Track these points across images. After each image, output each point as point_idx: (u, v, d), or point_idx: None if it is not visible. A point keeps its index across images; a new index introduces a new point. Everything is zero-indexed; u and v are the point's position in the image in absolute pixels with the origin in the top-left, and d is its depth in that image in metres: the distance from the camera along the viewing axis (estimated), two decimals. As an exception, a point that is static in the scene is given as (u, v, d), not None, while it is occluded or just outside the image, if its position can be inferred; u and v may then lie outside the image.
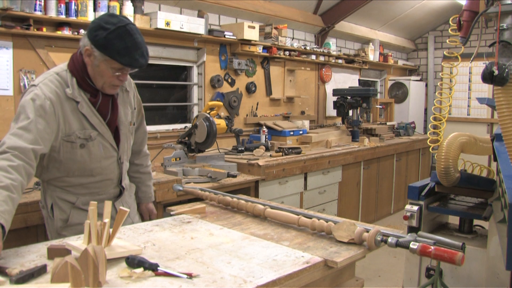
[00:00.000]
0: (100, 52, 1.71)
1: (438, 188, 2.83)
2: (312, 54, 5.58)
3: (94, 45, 1.71)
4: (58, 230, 1.88)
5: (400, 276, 3.74)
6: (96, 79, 1.79)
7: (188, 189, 2.36)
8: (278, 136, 4.73)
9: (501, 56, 1.74)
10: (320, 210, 4.43)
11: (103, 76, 1.77)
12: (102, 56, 1.71)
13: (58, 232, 1.88)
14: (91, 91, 1.81)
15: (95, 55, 1.72)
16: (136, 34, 1.74)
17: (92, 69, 1.77)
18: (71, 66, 1.81)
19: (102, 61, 1.73)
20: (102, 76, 1.77)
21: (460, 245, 1.44)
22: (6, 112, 3.10)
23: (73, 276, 1.06)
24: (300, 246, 1.54)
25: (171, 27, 3.79)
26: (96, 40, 1.70)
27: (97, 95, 1.82)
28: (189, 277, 1.24)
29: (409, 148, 6.10)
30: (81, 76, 1.79)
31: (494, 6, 1.80)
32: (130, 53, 1.70)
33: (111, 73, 1.75)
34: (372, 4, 5.98)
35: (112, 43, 1.68)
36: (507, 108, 1.71)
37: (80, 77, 1.79)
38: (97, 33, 1.69)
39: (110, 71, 1.75)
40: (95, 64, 1.75)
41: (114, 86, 1.83)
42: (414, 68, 8.35)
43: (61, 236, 1.84)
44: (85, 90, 1.80)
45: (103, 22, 1.71)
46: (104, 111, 1.86)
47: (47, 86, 1.72)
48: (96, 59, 1.73)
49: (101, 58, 1.72)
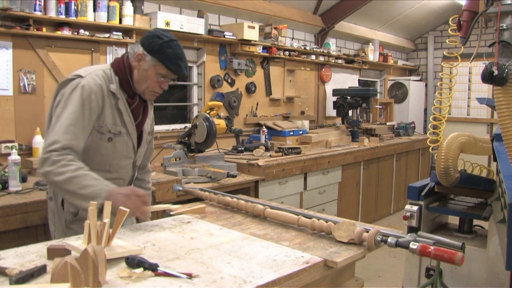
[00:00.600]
0: (152, 57, 1.87)
1: (438, 188, 2.83)
2: (312, 54, 5.58)
3: (148, 50, 1.87)
4: (66, 222, 1.90)
5: (400, 276, 3.74)
6: (140, 83, 1.92)
7: (188, 189, 2.36)
8: (278, 136, 4.73)
9: (501, 56, 1.74)
10: (320, 210, 4.43)
11: (147, 81, 1.91)
12: (153, 61, 1.87)
13: (66, 225, 1.90)
14: (129, 93, 1.94)
15: (146, 60, 1.88)
16: (182, 49, 1.94)
17: (139, 73, 1.91)
18: (115, 66, 1.93)
19: (151, 65, 1.88)
20: (147, 81, 1.91)
21: (460, 245, 1.44)
22: (6, 112, 3.10)
23: (73, 276, 1.06)
24: (300, 246, 1.54)
25: (171, 27, 3.79)
26: (152, 47, 1.86)
27: (134, 97, 1.95)
28: (189, 277, 1.24)
29: (409, 148, 6.10)
30: (124, 76, 1.92)
31: (494, 6, 1.80)
32: (178, 62, 1.89)
33: (157, 78, 1.90)
34: (372, 4, 5.98)
35: (164, 51, 1.86)
36: (506, 108, 1.71)
37: (123, 78, 1.91)
38: (153, 41, 1.87)
39: (156, 77, 1.90)
40: (143, 68, 1.89)
41: (154, 93, 1.96)
42: (414, 68, 8.35)
43: (69, 229, 1.87)
44: (125, 90, 1.93)
45: (158, 33, 1.90)
46: (136, 113, 1.98)
47: (93, 78, 1.84)
48: (146, 63, 1.88)
49: (151, 63, 1.87)
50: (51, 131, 1.77)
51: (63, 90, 1.83)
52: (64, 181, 1.68)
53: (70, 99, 1.79)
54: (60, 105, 1.79)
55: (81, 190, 1.68)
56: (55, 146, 1.72)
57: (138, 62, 1.90)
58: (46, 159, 1.71)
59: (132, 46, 1.95)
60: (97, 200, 1.62)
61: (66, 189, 1.70)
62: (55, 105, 1.83)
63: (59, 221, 1.93)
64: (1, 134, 3.08)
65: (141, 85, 1.92)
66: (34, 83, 3.21)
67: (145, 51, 1.88)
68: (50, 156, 1.70)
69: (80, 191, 1.68)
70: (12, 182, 2.58)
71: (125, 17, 3.57)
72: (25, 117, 3.19)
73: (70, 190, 1.69)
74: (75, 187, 1.68)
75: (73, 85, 1.81)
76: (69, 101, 1.78)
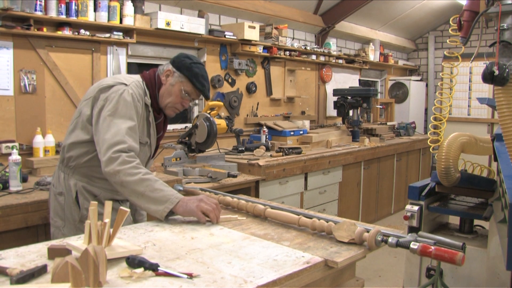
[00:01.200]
0: (180, 73, 2.01)
1: (439, 188, 2.83)
2: (312, 54, 5.58)
3: (177, 67, 2.01)
4: (83, 218, 1.92)
5: (400, 276, 3.74)
6: (164, 97, 2.03)
7: (188, 189, 2.36)
8: (279, 136, 4.73)
9: (502, 56, 1.74)
10: (320, 210, 4.43)
11: (172, 96, 2.02)
12: (181, 77, 2.01)
13: (81, 220, 1.93)
14: (155, 108, 2.05)
15: (174, 76, 2.02)
16: (207, 73, 2.09)
17: (165, 88, 2.03)
18: (147, 79, 2.04)
19: (178, 81, 2.01)
20: (171, 95, 2.02)
21: (460, 245, 1.44)
22: (7, 112, 3.10)
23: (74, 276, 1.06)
24: (300, 246, 1.54)
25: (172, 27, 3.79)
26: (182, 64, 2.01)
27: (160, 113, 2.08)
28: (190, 277, 1.24)
29: (410, 148, 6.10)
30: (153, 91, 2.03)
31: (495, 6, 1.80)
32: (203, 82, 2.03)
33: (180, 94, 2.02)
34: (372, 4, 5.98)
35: (193, 69, 2.01)
36: (507, 108, 1.71)
37: (152, 92, 2.03)
38: (183, 60, 2.02)
39: (180, 93, 2.02)
40: (170, 83, 2.02)
41: (175, 109, 2.07)
42: (414, 68, 8.35)
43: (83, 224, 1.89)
44: (152, 105, 2.03)
45: (188, 55, 2.06)
46: (159, 127, 2.12)
47: (136, 88, 1.95)
48: (174, 79, 2.01)
49: (178, 79, 2.01)
50: (107, 132, 1.80)
51: (106, 94, 1.89)
52: (135, 181, 1.73)
53: (121, 104, 1.85)
54: (109, 109, 1.84)
55: (152, 193, 1.73)
56: (122, 146, 1.77)
57: (166, 78, 2.02)
58: (115, 158, 1.75)
59: (163, 65, 2.08)
60: (166, 204, 1.72)
61: (135, 190, 1.74)
62: (98, 108, 1.87)
63: (71, 216, 1.96)
64: (2, 134, 3.08)
65: (165, 99, 2.02)
66: (34, 83, 3.22)
67: (174, 68, 2.01)
68: (120, 155, 1.75)
69: (150, 194, 1.73)
70: (13, 182, 2.59)
71: (125, 17, 3.57)
72: (26, 117, 3.19)
73: (140, 191, 1.73)
74: (146, 189, 1.73)
75: (119, 91, 1.88)
76: (121, 106, 1.85)
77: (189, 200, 1.76)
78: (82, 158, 1.95)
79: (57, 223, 2.01)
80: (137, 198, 1.75)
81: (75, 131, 1.96)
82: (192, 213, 1.75)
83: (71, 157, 1.97)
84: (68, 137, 1.99)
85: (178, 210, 1.75)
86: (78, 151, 1.95)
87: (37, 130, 3.17)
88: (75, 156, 1.96)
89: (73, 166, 1.98)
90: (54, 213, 2.03)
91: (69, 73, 3.43)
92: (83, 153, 1.95)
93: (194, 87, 2.01)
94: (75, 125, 1.97)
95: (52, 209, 2.04)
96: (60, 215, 2.00)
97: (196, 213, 1.75)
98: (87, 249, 1.15)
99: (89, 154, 1.94)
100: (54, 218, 2.02)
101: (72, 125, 1.99)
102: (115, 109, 1.84)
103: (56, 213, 2.02)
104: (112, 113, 1.84)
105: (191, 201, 1.76)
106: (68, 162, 1.98)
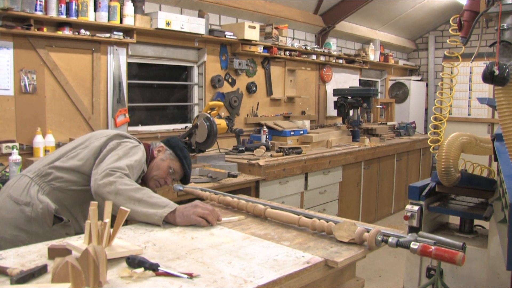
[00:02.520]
0: (173, 152, 2.18)
1: (439, 188, 2.83)
2: (312, 54, 5.58)
3: (170, 146, 2.19)
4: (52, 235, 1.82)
5: (400, 276, 3.74)
6: (152, 170, 2.14)
7: (188, 189, 2.36)
8: (279, 136, 4.73)
9: (502, 56, 1.74)
10: (320, 210, 4.43)
11: (159, 170, 2.14)
12: (172, 155, 2.17)
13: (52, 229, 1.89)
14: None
15: (166, 153, 2.18)
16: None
17: (155, 161, 2.15)
18: (147, 151, 2.15)
19: (168, 158, 2.16)
20: (159, 169, 2.14)
21: (460, 245, 1.44)
22: (7, 112, 3.10)
23: (74, 276, 1.06)
24: (300, 246, 1.54)
25: (172, 27, 3.79)
26: (175, 145, 2.20)
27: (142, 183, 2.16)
28: (190, 277, 1.24)
29: (410, 148, 6.10)
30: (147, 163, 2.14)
31: (495, 6, 1.80)
32: (189, 169, 2.23)
33: (167, 170, 2.14)
34: (372, 4, 5.97)
35: (185, 152, 2.20)
36: (507, 108, 1.71)
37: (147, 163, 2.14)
38: (177, 142, 2.22)
39: (167, 169, 2.14)
40: (161, 158, 2.16)
41: (158, 183, 2.16)
42: (414, 68, 8.34)
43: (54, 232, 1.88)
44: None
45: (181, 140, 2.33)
46: None
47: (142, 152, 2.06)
48: (165, 155, 2.17)
49: (169, 156, 2.17)
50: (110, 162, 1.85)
51: (116, 141, 1.99)
52: (133, 189, 1.75)
53: (132, 152, 1.95)
54: (123, 151, 1.93)
55: (150, 199, 1.75)
56: (120, 170, 1.82)
57: (158, 152, 2.18)
58: (112, 174, 1.78)
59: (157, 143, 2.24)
60: (165, 209, 1.73)
61: (132, 196, 1.73)
62: (110, 147, 1.95)
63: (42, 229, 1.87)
64: (2, 134, 3.09)
65: (153, 172, 2.12)
66: (35, 83, 3.22)
67: (167, 147, 2.19)
68: (116, 172, 1.79)
69: (148, 199, 1.74)
70: (13, 182, 2.58)
71: (125, 17, 3.57)
72: (26, 117, 3.19)
73: (138, 197, 1.74)
74: (143, 195, 1.74)
75: (134, 144, 2.02)
76: (132, 153, 1.95)
77: (185, 209, 1.77)
78: (70, 185, 1.94)
79: (19, 237, 1.84)
80: (134, 204, 1.72)
81: (80, 154, 1.98)
82: (190, 220, 1.75)
83: (60, 178, 1.94)
84: (68, 160, 1.98)
85: (176, 220, 1.75)
86: (71, 177, 1.94)
87: (37, 130, 3.17)
88: (65, 179, 1.94)
89: (55, 187, 1.93)
90: (12, 226, 1.86)
91: (69, 73, 3.43)
92: (74, 182, 1.94)
93: (182, 167, 2.18)
94: (81, 150, 2.00)
95: (9, 221, 1.86)
96: (20, 227, 1.86)
97: (194, 219, 1.75)
98: (87, 249, 1.15)
99: (78, 185, 1.95)
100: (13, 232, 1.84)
101: (76, 153, 2.00)
102: (126, 153, 1.93)
103: (15, 226, 1.86)
104: (123, 154, 1.91)
105: (187, 209, 1.76)
106: (52, 180, 1.93)
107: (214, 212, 1.80)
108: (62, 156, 2.00)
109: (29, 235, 1.86)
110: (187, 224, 1.75)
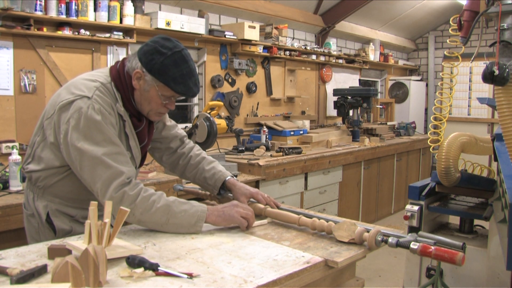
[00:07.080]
0: (153, 77, 1.60)
1: (439, 188, 2.83)
2: (312, 54, 5.58)
3: (148, 70, 1.60)
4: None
5: (400, 276, 3.74)
6: (143, 105, 1.68)
7: (188, 189, 2.35)
8: (279, 136, 4.73)
9: (502, 56, 1.74)
10: (320, 210, 4.43)
11: (151, 103, 1.66)
12: (155, 81, 1.61)
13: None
14: (134, 113, 1.71)
15: (147, 80, 1.62)
16: (190, 61, 1.64)
17: (140, 94, 1.66)
18: (116, 80, 1.66)
19: (153, 86, 1.62)
20: (150, 103, 1.67)
21: (460, 245, 1.44)
22: (7, 112, 3.10)
23: (74, 276, 1.06)
24: (300, 246, 1.54)
25: (172, 27, 3.79)
26: (152, 65, 1.58)
27: (141, 119, 1.73)
28: (190, 277, 1.24)
29: (410, 148, 6.10)
30: (126, 95, 1.66)
31: (495, 6, 1.80)
32: (185, 81, 1.61)
33: (161, 100, 1.65)
34: (372, 4, 5.98)
35: (168, 69, 1.58)
36: (507, 108, 1.71)
37: (125, 96, 1.66)
38: (153, 57, 1.58)
39: (160, 98, 1.64)
40: (144, 89, 1.64)
41: (160, 114, 1.73)
42: (414, 68, 8.34)
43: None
44: (127, 109, 1.68)
45: (159, 46, 1.59)
46: (142, 136, 1.77)
47: (103, 97, 1.59)
48: (147, 84, 1.62)
49: (152, 84, 1.62)
50: (92, 169, 1.52)
51: (67, 115, 1.55)
52: (154, 214, 1.55)
53: (90, 128, 1.53)
54: (77, 137, 1.52)
55: (176, 219, 1.57)
56: (119, 180, 1.53)
57: (138, 81, 1.63)
58: (120, 198, 1.52)
59: (131, 59, 1.66)
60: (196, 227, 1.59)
61: (157, 222, 1.57)
62: (63, 134, 1.55)
63: (46, 240, 1.65)
64: (2, 134, 3.09)
65: (144, 107, 1.68)
66: (34, 83, 3.22)
67: (145, 69, 1.61)
68: (123, 193, 1.53)
69: (175, 220, 1.57)
70: (13, 182, 2.59)
71: (125, 17, 3.58)
72: (26, 117, 3.19)
73: (163, 221, 1.57)
74: (168, 216, 1.56)
75: (82, 109, 1.54)
76: (91, 131, 1.53)
77: (224, 208, 1.65)
78: (51, 179, 1.68)
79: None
80: (162, 227, 1.59)
81: (44, 151, 1.66)
82: (233, 220, 1.63)
83: (39, 177, 1.69)
84: (35, 153, 1.68)
85: (216, 220, 1.63)
86: (47, 172, 1.67)
87: (37, 130, 3.17)
88: (43, 177, 1.68)
89: (42, 186, 1.69)
90: (30, 237, 1.76)
91: (69, 73, 3.43)
92: (52, 174, 1.67)
93: (174, 91, 1.62)
94: (43, 146, 1.66)
95: (28, 232, 1.78)
96: (35, 239, 1.73)
97: (238, 219, 1.64)
98: (87, 249, 1.15)
99: (59, 174, 1.67)
100: (31, 243, 1.70)
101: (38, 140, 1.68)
102: (84, 135, 1.52)
103: (32, 237, 1.76)
104: (83, 140, 1.52)
105: (227, 208, 1.64)
106: (36, 182, 1.70)
107: (253, 214, 1.70)
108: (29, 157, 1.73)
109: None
110: (229, 224, 1.65)
